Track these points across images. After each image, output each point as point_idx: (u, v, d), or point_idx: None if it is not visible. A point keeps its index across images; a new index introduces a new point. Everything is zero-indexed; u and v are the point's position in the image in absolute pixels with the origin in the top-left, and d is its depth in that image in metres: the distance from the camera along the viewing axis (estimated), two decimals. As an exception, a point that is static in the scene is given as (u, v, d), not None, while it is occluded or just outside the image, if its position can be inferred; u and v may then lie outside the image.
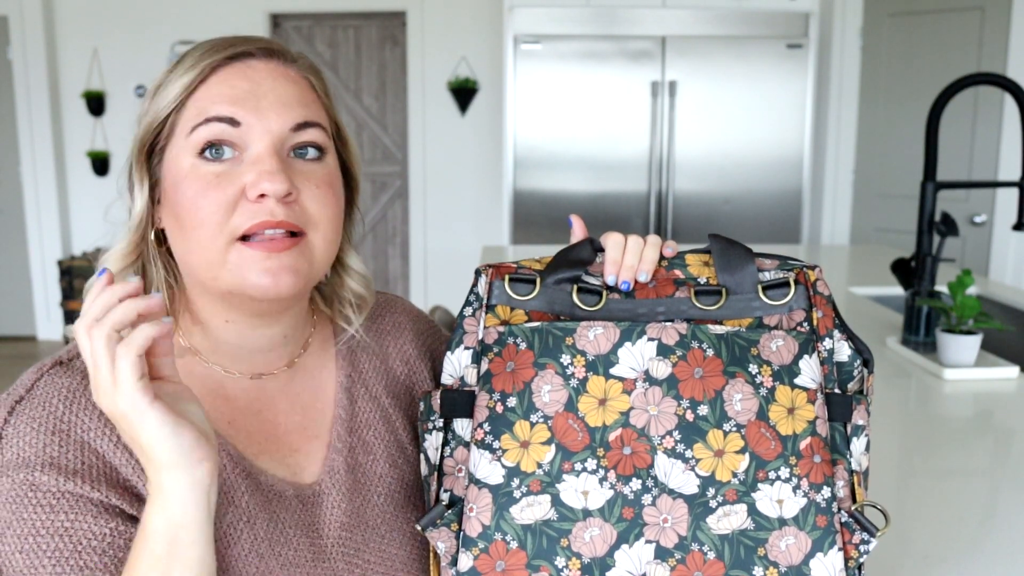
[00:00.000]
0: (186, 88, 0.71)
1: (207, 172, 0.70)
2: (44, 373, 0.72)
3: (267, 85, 0.72)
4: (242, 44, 0.73)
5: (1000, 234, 3.67)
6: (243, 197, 0.70)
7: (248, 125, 0.70)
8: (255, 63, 0.73)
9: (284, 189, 0.69)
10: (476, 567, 0.71)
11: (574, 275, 0.75)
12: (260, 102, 0.71)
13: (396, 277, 5.30)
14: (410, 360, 0.89)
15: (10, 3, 4.80)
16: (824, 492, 0.71)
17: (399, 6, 4.87)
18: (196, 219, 0.70)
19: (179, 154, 0.72)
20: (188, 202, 0.70)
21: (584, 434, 0.71)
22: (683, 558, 0.70)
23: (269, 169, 0.69)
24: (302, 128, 0.73)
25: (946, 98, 1.78)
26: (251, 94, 0.71)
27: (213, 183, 0.70)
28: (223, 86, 0.71)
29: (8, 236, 5.13)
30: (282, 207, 0.70)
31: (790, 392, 0.71)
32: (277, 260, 0.70)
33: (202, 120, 0.70)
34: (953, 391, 1.55)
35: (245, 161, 0.71)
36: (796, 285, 0.74)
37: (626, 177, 4.01)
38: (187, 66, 0.72)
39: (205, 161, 0.70)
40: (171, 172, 0.72)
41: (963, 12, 3.74)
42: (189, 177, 0.70)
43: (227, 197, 0.70)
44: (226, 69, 0.72)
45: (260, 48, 0.74)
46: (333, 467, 0.79)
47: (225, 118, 0.70)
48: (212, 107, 0.70)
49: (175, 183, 0.72)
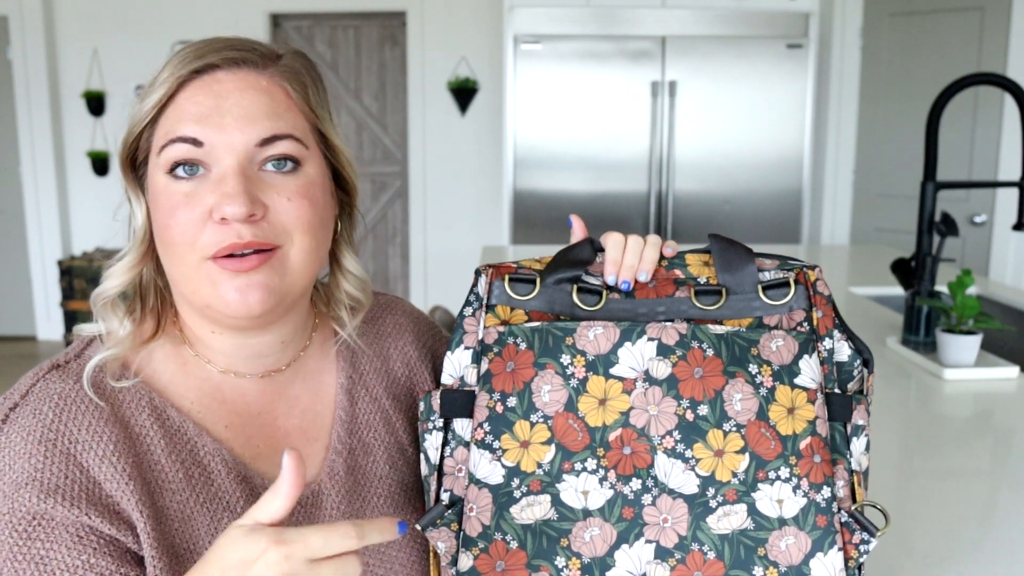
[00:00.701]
0: (155, 105, 0.71)
1: (176, 191, 0.70)
2: (39, 379, 0.72)
3: (232, 99, 0.70)
4: (210, 55, 0.71)
5: (1000, 234, 3.67)
6: (210, 216, 0.69)
7: (211, 144, 0.69)
8: (221, 75, 0.71)
9: (244, 212, 0.68)
10: (476, 567, 0.71)
11: (574, 275, 0.75)
12: (223, 119, 0.69)
13: (396, 277, 5.30)
14: (411, 361, 0.89)
15: (10, 3, 4.80)
16: (824, 492, 0.71)
17: (399, 6, 4.87)
18: (169, 236, 0.70)
19: (154, 170, 0.72)
20: (162, 219, 0.71)
21: (584, 434, 0.71)
22: (683, 558, 0.70)
23: (229, 192, 0.68)
24: (269, 142, 0.71)
25: (946, 98, 1.78)
26: (215, 111, 0.70)
27: (182, 202, 0.69)
28: (188, 104, 0.70)
29: (8, 236, 5.13)
30: (248, 227, 0.68)
31: (790, 392, 0.71)
32: (246, 279, 0.69)
33: (168, 140, 0.70)
34: (953, 391, 1.55)
35: (211, 180, 0.70)
36: (796, 285, 0.75)
37: (626, 177, 4.01)
38: (160, 80, 0.71)
39: (175, 179, 0.70)
40: (151, 186, 0.73)
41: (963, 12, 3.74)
42: (163, 194, 0.71)
43: (196, 216, 0.69)
44: (193, 84, 0.71)
45: (227, 59, 0.72)
46: (333, 469, 0.79)
47: (188, 139, 0.69)
48: (177, 127, 0.70)
49: (154, 198, 0.72)
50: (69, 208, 5.12)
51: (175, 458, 0.72)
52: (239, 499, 0.73)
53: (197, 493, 0.72)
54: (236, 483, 0.73)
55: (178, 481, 0.71)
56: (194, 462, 0.73)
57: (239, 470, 0.74)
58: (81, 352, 0.75)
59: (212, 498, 0.72)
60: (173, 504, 0.70)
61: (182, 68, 0.71)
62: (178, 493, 0.71)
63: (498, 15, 4.62)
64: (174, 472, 0.71)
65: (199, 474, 0.72)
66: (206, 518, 0.71)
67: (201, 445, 0.73)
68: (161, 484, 0.71)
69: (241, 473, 0.74)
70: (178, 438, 0.73)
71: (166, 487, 0.71)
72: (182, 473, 0.72)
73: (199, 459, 0.73)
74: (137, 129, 0.72)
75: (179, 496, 0.71)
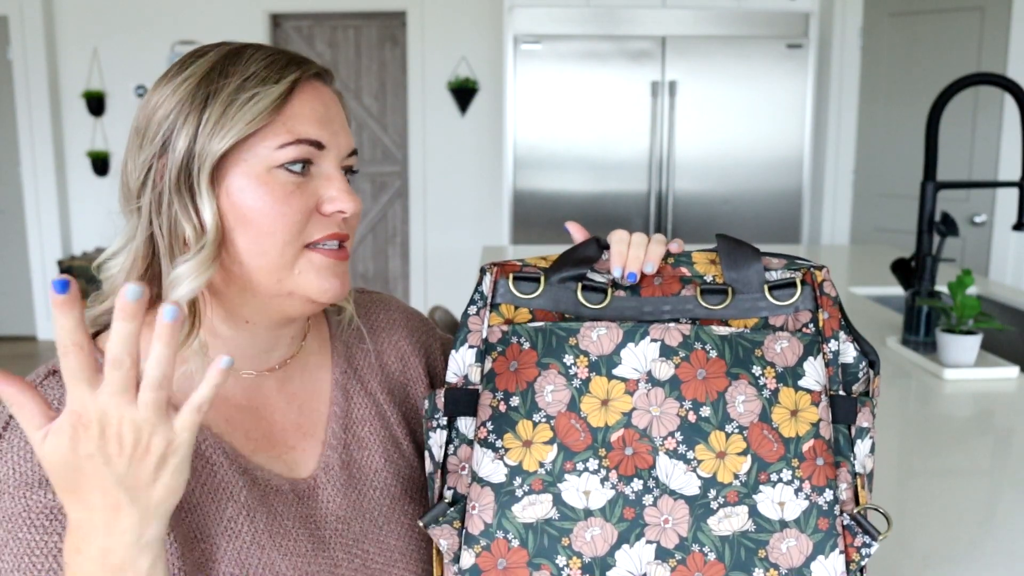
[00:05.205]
0: (275, 101, 0.72)
1: (287, 182, 0.73)
2: (37, 385, 0.72)
3: (333, 109, 0.77)
4: (306, 63, 0.76)
5: (1000, 234, 3.67)
6: (316, 210, 0.74)
7: (329, 147, 0.75)
8: (319, 84, 0.77)
9: (359, 209, 0.76)
10: (478, 564, 0.71)
11: (579, 273, 0.75)
12: (333, 125, 0.76)
13: (396, 277, 5.30)
14: (405, 356, 0.91)
15: (10, 3, 4.80)
16: (826, 495, 0.71)
17: (399, 6, 4.87)
18: (272, 224, 0.72)
19: (254, 161, 0.72)
20: (266, 207, 0.72)
21: (586, 434, 0.71)
22: (684, 559, 0.70)
23: (347, 189, 0.75)
24: (353, 154, 0.79)
25: (946, 98, 1.78)
26: (327, 118, 0.75)
27: (295, 193, 0.73)
28: (305, 107, 0.74)
29: (8, 236, 5.13)
30: (343, 220, 0.76)
31: (794, 394, 0.71)
32: (342, 267, 0.77)
33: (293, 140, 0.72)
34: (953, 391, 1.56)
35: (318, 177, 0.75)
36: (803, 286, 0.74)
37: (626, 177, 4.01)
38: (261, 78, 0.72)
39: (284, 171, 0.73)
40: (239, 177, 0.72)
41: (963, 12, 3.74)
42: (268, 184, 0.72)
43: (306, 207, 0.74)
44: (306, 87, 0.75)
45: (322, 69, 0.78)
46: (328, 464, 0.80)
47: (314, 141, 0.74)
48: (300, 128, 0.73)
49: (243, 188, 0.72)
50: (69, 208, 5.12)
51: None
52: (241, 489, 0.74)
53: (202, 484, 0.73)
54: (238, 474, 0.74)
55: None
56: (197, 454, 0.74)
57: (240, 462, 0.75)
58: None
59: (216, 489, 0.73)
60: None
61: (297, 70, 0.74)
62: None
63: (498, 15, 4.62)
64: None
65: (202, 466, 0.74)
66: (212, 507, 0.72)
67: (203, 438, 0.74)
68: None
69: (242, 465, 0.75)
70: None
71: None
72: None
73: (201, 451, 0.74)
74: (251, 130, 0.71)
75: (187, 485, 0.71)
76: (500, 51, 4.69)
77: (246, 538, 0.72)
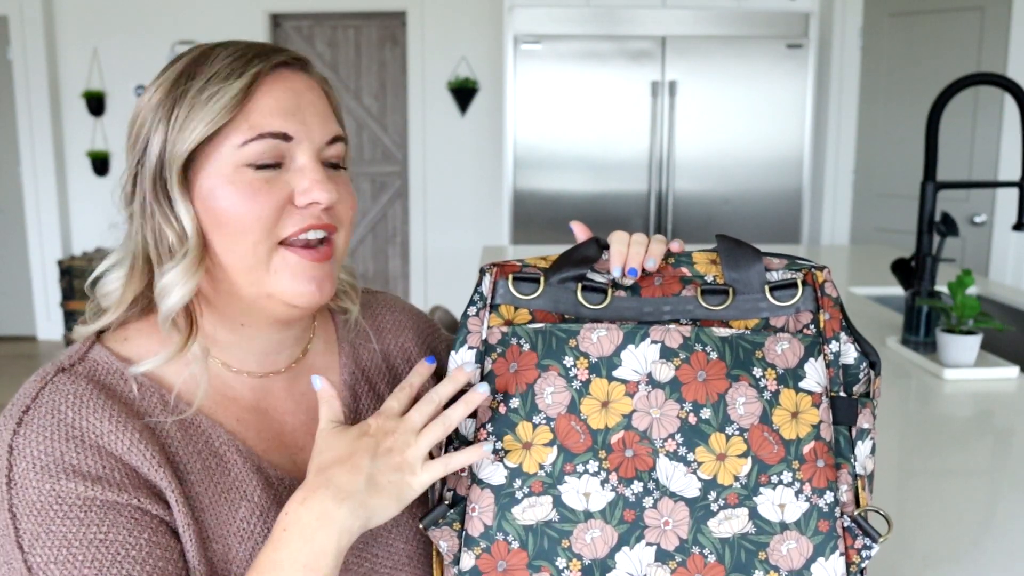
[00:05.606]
0: (234, 98, 0.70)
1: (255, 178, 0.71)
2: (48, 381, 0.71)
3: (306, 98, 0.74)
4: (271, 54, 0.73)
5: (1000, 234, 3.67)
6: (289, 203, 0.72)
7: (298, 138, 0.73)
8: (289, 73, 0.74)
9: (335, 198, 0.73)
10: (478, 566, 0.71)
11: (579, 273, 0.75)
12: (303, 115, 0.73)
13: (396, 277, 5.30)
14: (411, 357, 0.91)
15: (10, 3, 4.80)
16: (827, 497, 0.70)
17: (399, 6, 4.87)
18: (242, 224, 0.71)
19: (220, 161, 0.71)
20: (234, 207, 0.70)
21: (586, 436, 0.71)
22: (684, 561, 0.70)
23: (320, 179, 0.72)
24: (333, 142, 0.75)
25: (946, 98, 1.78)
26: (297, 107, 0.73)
27: (263, 189, 0.71)
28: (269, 99, 0.72)
29: (8, 236, 5.13)
30: (324, 212, 0.73)
31: (795, 396, 0.71)
32: (320, 269, 0.74)
33: (255, 135, 0.71)
34: (953, 391, 1.56)
35: (291, 169, 0.73)
36: (804, 286, 0.74)
37: (626, 177, 4.01)
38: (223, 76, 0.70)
39: (252, 168, 0.71)
40: (208, 178, 0.71)
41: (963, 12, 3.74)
42: (235, 183, 0.71)
43: (276, 202, 0.71)
44: (269, 79, 0.72)
45: (292, 58, 0.75)
46: None
47: (279, 134, 0.71)
48: (262, 121, 0.71)
49: (212, 189, 0.71)
50: (69, 208, 5.12)
51: (192, 449, 0.73)
52: (255, 487, 0.74)
53: (216, 482, 0.73)
54: (252, 473, 0.74)
55: (197, 471, 0.72)
56: (210, 453, 0.73)
57: (253, 460, 0.75)
58: (85, 355, 0.75)
59: (230, 487, 0.73)
60: (196, 491, 0.71)
61: (258, 63, 0.71)
62: (198, 483, 0.72)
63: (498, 15, 4.62)
64: (192, 462, 0.72)
65: (216, 464, 0.73)
66: (226, 505, 0.72)
67: (216, 436, 0.74)
68: (183, 473, 0.71)
69: (255, 464, 0.75)
70: (192, 430, 0.74)
71: (187, 476, 0.72)
72: (200, 464, 0.72)
73: (215, 449, 0.74)
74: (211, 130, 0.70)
75: (200, 485, 0.72)
76: (500, 51, 4.69)
77: (260, 539, 0.72)
